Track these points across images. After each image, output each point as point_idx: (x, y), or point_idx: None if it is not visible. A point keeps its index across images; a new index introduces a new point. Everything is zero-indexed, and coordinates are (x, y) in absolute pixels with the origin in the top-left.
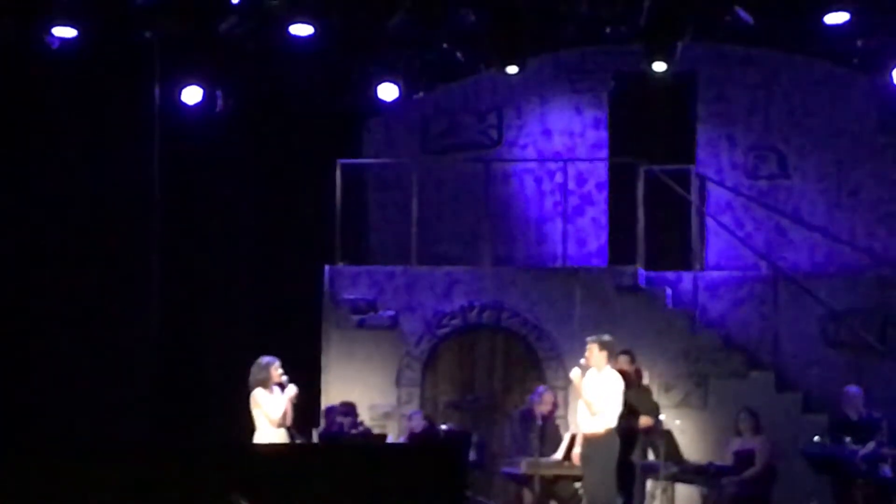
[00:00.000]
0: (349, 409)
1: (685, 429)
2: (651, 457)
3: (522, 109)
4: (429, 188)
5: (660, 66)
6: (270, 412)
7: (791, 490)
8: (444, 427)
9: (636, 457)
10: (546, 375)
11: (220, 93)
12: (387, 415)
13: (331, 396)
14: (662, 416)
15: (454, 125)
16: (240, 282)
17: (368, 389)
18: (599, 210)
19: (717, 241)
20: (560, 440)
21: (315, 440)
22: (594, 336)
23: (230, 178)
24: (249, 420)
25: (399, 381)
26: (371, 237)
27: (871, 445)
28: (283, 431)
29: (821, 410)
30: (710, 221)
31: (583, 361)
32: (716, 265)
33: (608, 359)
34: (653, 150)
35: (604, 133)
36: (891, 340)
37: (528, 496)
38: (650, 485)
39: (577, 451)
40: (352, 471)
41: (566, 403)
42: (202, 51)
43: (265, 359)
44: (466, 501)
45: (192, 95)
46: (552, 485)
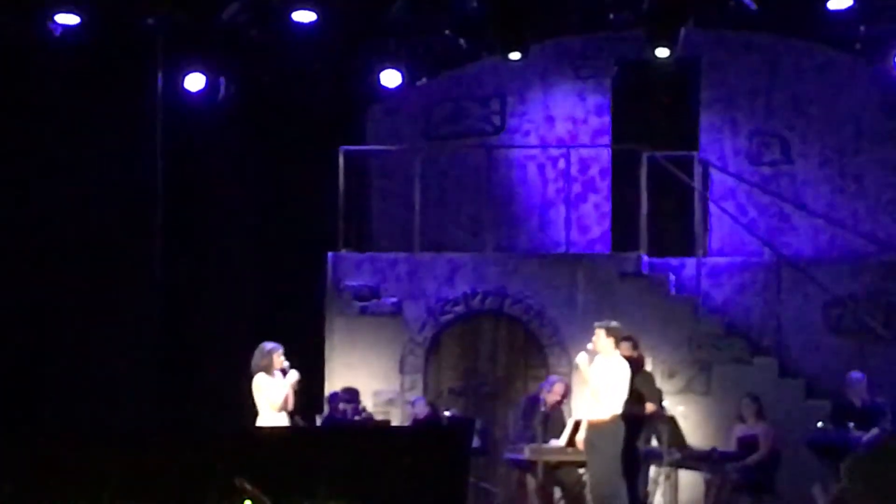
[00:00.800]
0: (352, 396)
1: (688, 415)
2: (654, 443)
3: (525, 96)
4: (431, 175)
5: (663, 52)
6: (272, 398)
7: (795, 476)
8: (448, 413)
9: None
10: (549, 362)
11: (223, 80)
12: (390, 401)
13: (334, 383)
14: (665, 403)
15: (457, 112)
16: (243, 269)
17: (372, 376)
18: (602, 196)
19: (720, 228)
20: (563, 426)
21: (326, 426)
22: (601, 322)
23: (233, 166)
24: (252, 406)
25: (402, 368)
26: (374, 224)
27: (875, 431)
28: (285, 417)
29: (824, 396)
30: (713, 208)
31: (590, 347)
32: (719, 251)
33: (615, 345)
34: (656, 137)
35: (607, 119)
36: (894, 326)
37: (532, 482)
38: (653, 471)
39: (582, 437)
40: (355, 455)
41: (569, 390)
42: (205, 38)
43: (268, 345)
44: (469, 487)
45: (195, 83)
46: (555, 471)
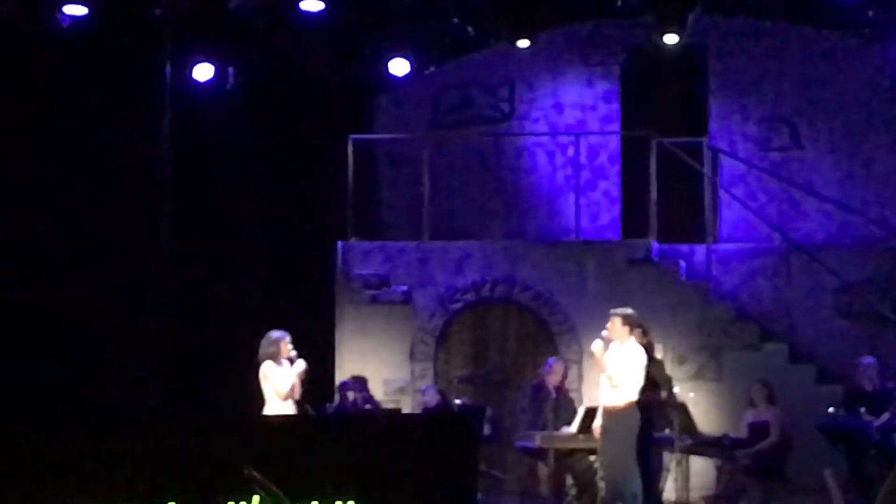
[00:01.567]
0: (361, 384)
1: (699, 401)
2: (666, 430)
3: (534, 83)
4: (440, 163)
5: (671, 39)
6: (278, 386)
7: (806, 461)
8: (458, 401)
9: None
10: (559, 349)
11: (231, 70)
12: (400, 389)
13: (345, 372)
14: (676, 389)
15: (465, 100)
16: (252, 258)
17: (382, 364)
18: (612, 183)
19: (730, 214)
20: (573, 413)
21: (337, 414)
22: (617, 309)
23: (241, 155)
24: (260, 394)
25: (412, 356)
26: (383, 212)
27: (886, 416)
28: (291, 405)
29: (835, 382)
30: (723, 194)
31: (605, 334)
32: (729, 237)
33: (630, 332)
34: (665, 123)
35: (615, 106)
36: None
37: (543, 470)
38: (665, 458)
39: (598, 424)
40: (364, 443)
41: (580, 376)
42: (213, 28)
43: (275, 333)
44: (480, 474)
45: (203, 73)
46: (567, 458)
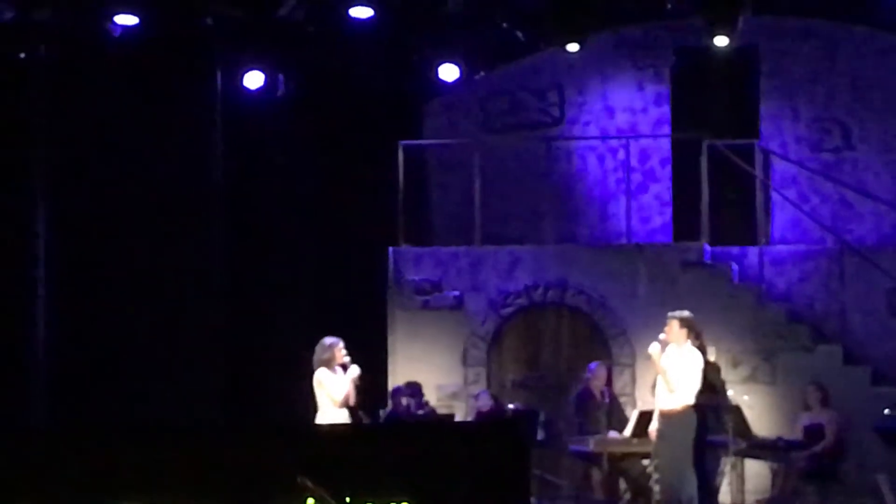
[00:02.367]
0: (415, 390)
1: (753, 404)
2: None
3: (584, 87)
4: (491, 168)
5: (721, 41)
6: (333, 393)
7: (861, 464)
8: (511, 406)
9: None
10: (612, 353)
11: (282, 77)
12: (453, 395)
13: (397, 377)
14: (730, 392)
15: (515, 104)
16: (304, 265)
17: (434, 370)
18: (663, 186)
19: (782, 215)
20: (623, 417)
21: (381, 421)
22: (675, 312)
23: (293, 162)
24: (313, 401)
25: (465, 361)
26: (434, 218)
27: None
28: (346, 412)
29: (890, 383)
30: (775, 195)
31: (662, 337)
32: (781, 239)
33: (688, 335)
34: (716, 125)
35: (666, 109)
36: None
37: (597, 474)
38: (720, 461)
39: (654, 427)
40: (415, 450)
41: (634, 380)
42: (263, 35)
43: (329, 339)
44: (534, 479)
45: (254, 80)
46: (620, 462)
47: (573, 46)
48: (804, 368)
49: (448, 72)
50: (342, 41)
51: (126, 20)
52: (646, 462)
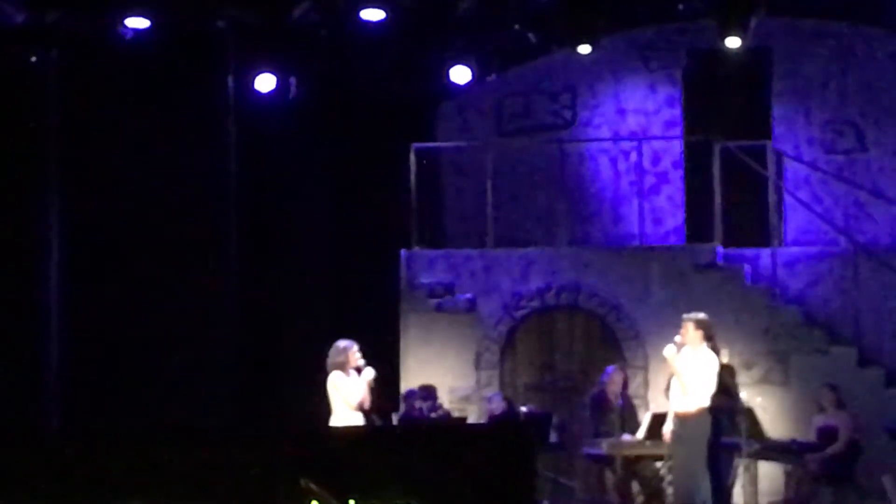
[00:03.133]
0: (429, 393)
1: (767, 406)
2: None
3: (596, 89)
4: (503, 170)
5: (734, 42)
6: (348, 396)
7: (876, 466)
8: (524, 409)
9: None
10: (625, 355)
11: (294, 80)
12: (466, 398)
13: (410, 380)
14: (743, 394)
15: (527, 107)
16: (317, 268)
17: (447, 373)
18: (675, 188)
19: (796, 217)
20: (637, 421)
21: (395, 424)
22: (690, 314)
23: (305, 165)
24: (327, 404)
25: (478, 364)
26: (447, 221)
27: None
28: (360, 415)
29: None
30: (788, 197)
31: (677, 339)
32: (794, 241)
33: (703, 337)
34: (728, 127)
35: (678, 111)
36: None
37: (610, 477)
38: (734, 463)
39: (668, 429)
40: (421, 453)
41: (647, 383)
42: (274, 38)
43: (343, 342)
44: (547, 481)
45: (266, 83)
46: (634, 465)
47: (585, 48)
48: (818, 370)
49: (460, 74)
50: (354, 44)
51: (137, 23)
52: (659, 464)
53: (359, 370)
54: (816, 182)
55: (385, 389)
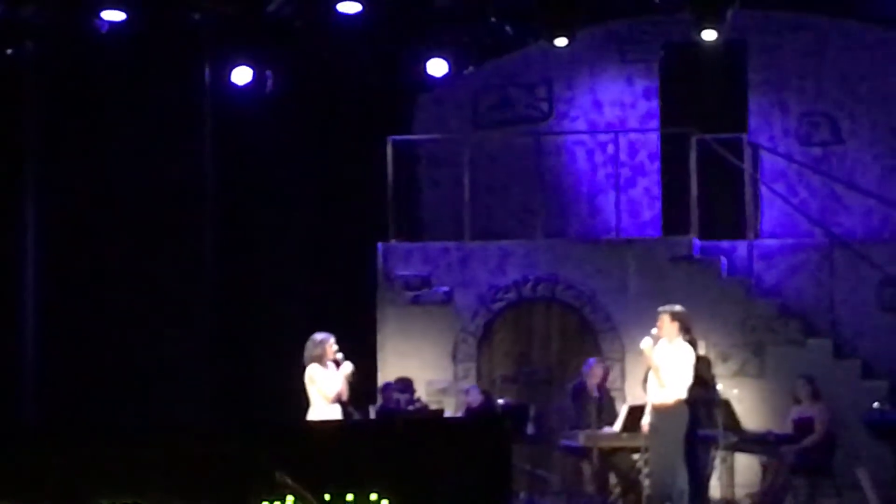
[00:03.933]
0: (406, 386)
1: (743, 398)
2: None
3: (572, 82)
4: (480, 163)
5: (710, 35)
6: (326, 389)
7: (851, 457)
8: (502, 401)
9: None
10: (601, 347)
11: (270, 73)
12: (443, 390)
13: (387, 373)
14: (720, 386)
15: (504, 99)
16: (293, 260)
17: (424, 365)
18: (652, 181)
19: (772, 209)
20: (615, 413)
21: (372, 417)
22: (665, 307)
23: (281, 158)
24: (304, 397)
25: (455, 357)
26: (423, 213)
27: None
28: (338, 408)
29: (880, 377)
30: (764, 189)
31: (654, 332)
32: (770, 233)
33: (679, 329)
34: (704, 119)
35: (655, 103)
36: None
37: (587, 469)
38: (710, 455)
39: (646, 421)
40: (395, 446)
41: (623, 375)
42: (251, 31)
43: (320, 335)
44: (524, 474)
45: (242, 76)
46: (611, 457)
47: (562, 41)
48: (794, 362)
49: (437, 67)
50: (330, 37)
51: (113, 16)
52: (636, 456)
53: (336, 363)
54: (792, 174)
55: (362, 382)
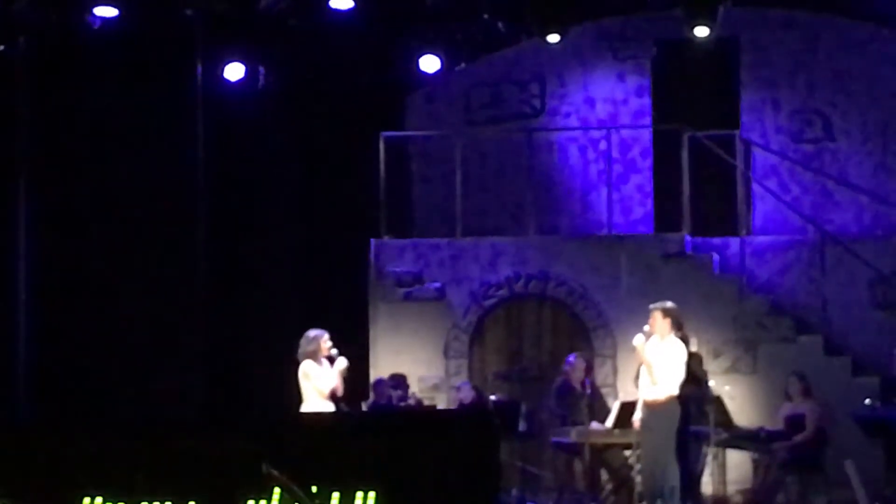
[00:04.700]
0: (399, 382)
1: (735, 395)
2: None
3: (565, 78)
4: (472, 159)
5: (702, 32)
6: (320, 385)
7: (843, 454)
8: (493, 398)
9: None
10: (593, 344)
11: (262, 69)
12: (435, 387)
13: (379, 369)
14: (711, 383)
15: (496, 96)
16: (286, 257)
17: (416, 362)
18: (644, 177)
19: (764, 206)
20: (606, 409)
21: (360, 412)
22: (657, 303)
23: (274, 154)
24: (297, 393)
25: (447, 353)
26: (415, 210)
27: None
28: (331, 404)
29: (871, 373)
30: (756, 186)
31: (646, 328)
32: (762, 230)
33: (671, 326)
34: (696, 116)
35: (647, 100)
36: None
37: (579, 465)
38: (702, 451)
39: (638, 418)
40: (383, 440)
41: (615, 371)
42: (244, 27)
43: (313, 332)
44: (516, 470)
45: (235, 72)
46: (602, 453)
47: (554, 38)
48: (785, 359)
49: (429, 63)
50: (323, 33)
51: (106, 12)
52: (628, 453)
53: (330, 359)
54: (784, 171)
55: (354, 378)
